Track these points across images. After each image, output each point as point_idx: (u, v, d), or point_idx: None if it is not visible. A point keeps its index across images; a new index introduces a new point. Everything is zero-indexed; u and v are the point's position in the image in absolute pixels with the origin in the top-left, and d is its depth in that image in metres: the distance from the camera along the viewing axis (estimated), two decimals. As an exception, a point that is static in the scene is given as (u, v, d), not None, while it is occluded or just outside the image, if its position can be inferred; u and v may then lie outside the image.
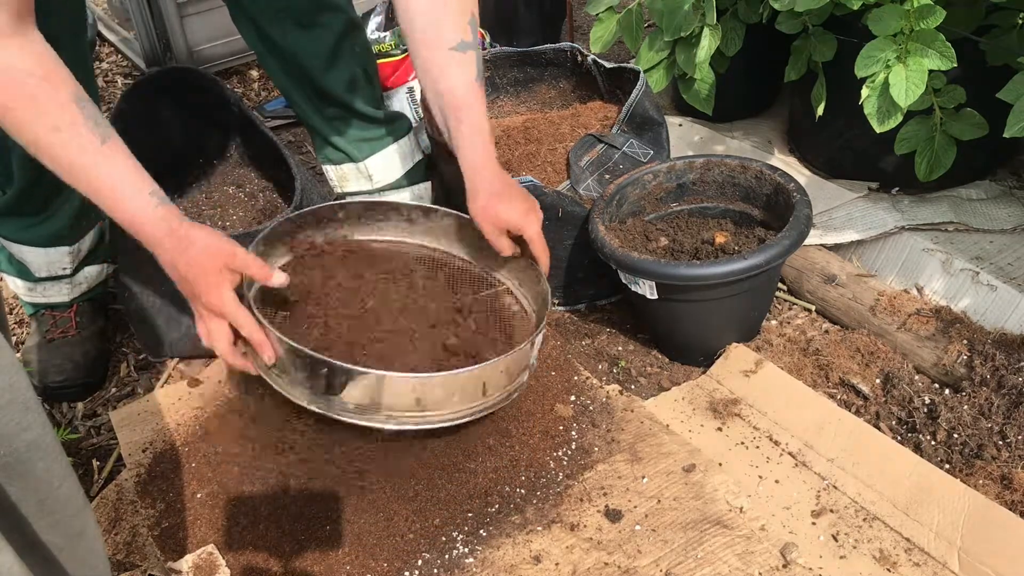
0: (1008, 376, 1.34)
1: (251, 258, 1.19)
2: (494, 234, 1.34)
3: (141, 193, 1.12)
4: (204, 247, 1.15)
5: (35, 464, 0.73)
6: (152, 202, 1.12)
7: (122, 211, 1.13)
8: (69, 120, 1.06)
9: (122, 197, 1.11)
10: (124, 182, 1.11)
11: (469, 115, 1.32)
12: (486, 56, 1.88)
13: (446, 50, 1.30)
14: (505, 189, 1.33)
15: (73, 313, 1.69)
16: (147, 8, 2.52)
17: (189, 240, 1.14)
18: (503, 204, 1.31)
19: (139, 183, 1.12)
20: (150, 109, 1.80)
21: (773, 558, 1.16)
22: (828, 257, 1.65)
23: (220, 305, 1.16)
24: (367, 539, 1.21)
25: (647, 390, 1.52)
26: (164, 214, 1.13)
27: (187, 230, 1.15)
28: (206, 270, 1.15)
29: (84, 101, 1.08)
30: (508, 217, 1.32)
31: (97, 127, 1.08)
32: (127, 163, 1.11)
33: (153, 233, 1.14)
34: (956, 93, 1.56)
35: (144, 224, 1.13)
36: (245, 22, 1.61)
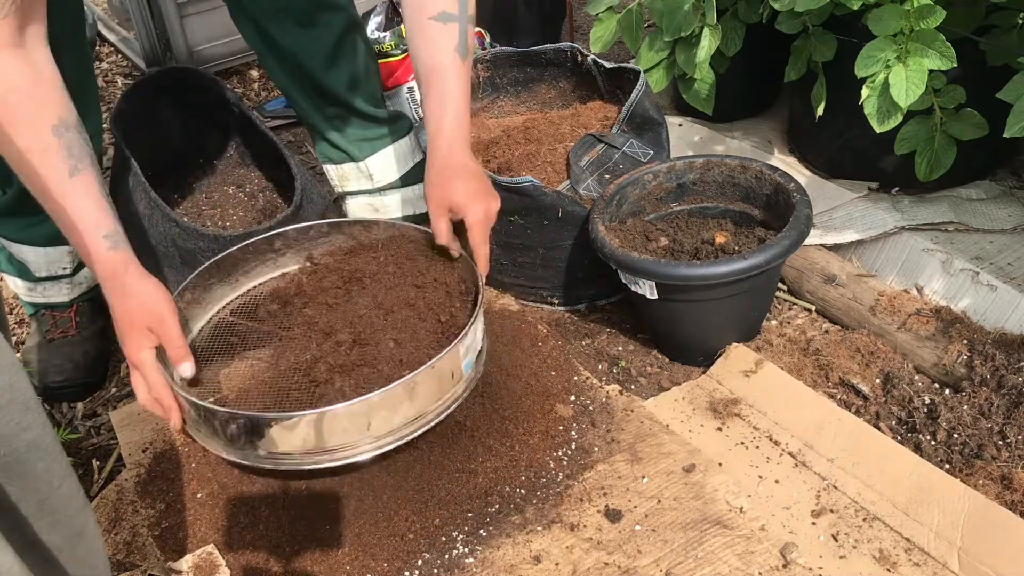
0: (1008, 376, 1.34)
1: (174, 334, 1.18)
2: (436, 213, 1.28)
3: (96, 234, 1.12)
4: (139, 303, 1.15)
5: (35, 464, 0.73)
6: (105, 245, 1.13)
7: (77, 245, 1.13)
8: (43, 146, 1.06)
9: (79, 232, 1.11)
10: (83, 219, 1.11)
11: (440, 83, 1.29)
12: (486, 56, 1.88)
13: (426, 19, 1.29)
14: (462, 168, 1.28)
15: (73, 313, 1.69)
16: (147, 8, 2.52)
17: (128, 291, 1.15)
18: (454, 181, 1.26)
19: (97, 223, 1.12)
20: (150, 109, 1.80)
21: (773, 558, 1.16)
22: (828, 257, 1.65)
23: (137, 362, 1.17)
24: (367, 539, 1.21)
25: (647, 390, 1.52)
26: (111, 259, 1.13)
27: (130, 279, 1.15)
28: (132, 325, 1.16)
29: (65, 128, 1.07)
30: (453, 196, 1.26)
31: (70, 158, 1.08)
32: (90, 200, 1.11)
33: (100, 274, 1.14)
34: (956, 93, 1.56)
35: (93, 264, 1.14)
36: (245, 21, 1.61)
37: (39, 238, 1.58)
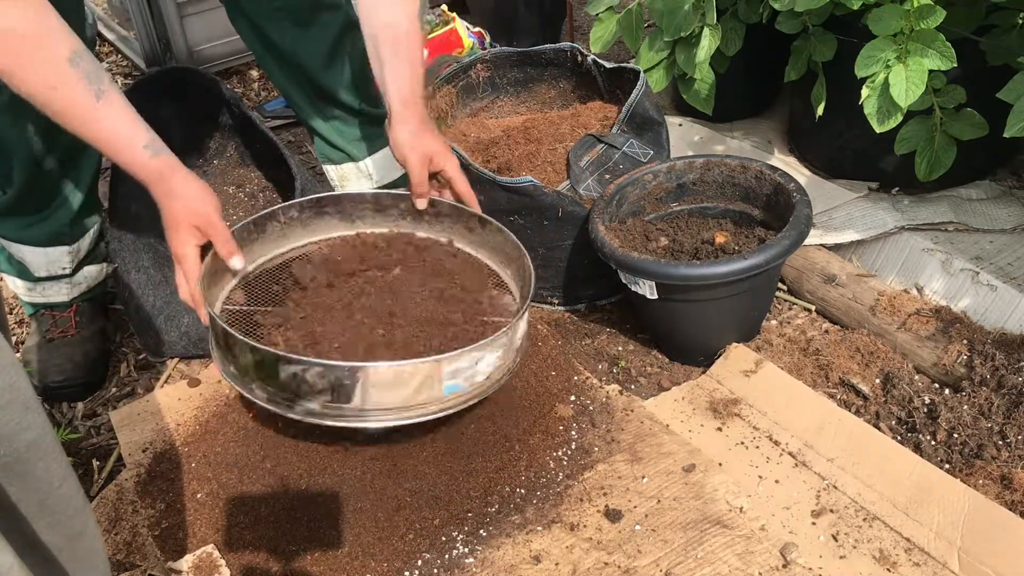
0: (1008, 376, 1.34)
1: (221, 228, 1.24)
2: (419, 163, 1.35)
3: (135, 145, 1.18)
4: (185, 204, 1.21)
5: (35, 464, 0.73)
6: (146, 154, 1.18)
7: (121, 161, 1.19)
8: (63, 79, 1.11)
9: (118, 149, 1.18)
10: (119, 135, 1.17)
11: (408, 49, 1.35)
12: (486, 56, 1.88)
13: None
14: (431, 127, 1.36)
15: (73, 313, 1.69)
16: (147, 8, 2.52)
17: (175, 193, 1.21)
18: (428, 137, 1.34)
19: (133, 136, 1.18)
20: (150, 109, 1.78)
21: (773, 558, 1.16)
22: (828, 257, 1.65)
23: (180, 256, 1.23)
24: (367, 539, 1.21)
25: (647, 390, 1.52)
26: (156, 165, 1.19)
27: (176, 183, 1.20)
28: (179, 222, 1.22)
29: (79, 58, 1.12)
30: (433, 148, 1.34)
31: (91, 83, 1.13)
32: (122, 116, 1.17)
33: (147, 181, 1.20)
34: (956, 93, 1.56)
35: (140, 172, 1.20)
36: (243, 22, 1.61)
37: (39, 238, 1.58)
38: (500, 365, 1.23)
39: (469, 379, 1.19)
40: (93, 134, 1.16)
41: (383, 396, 1.16)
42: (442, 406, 1.19)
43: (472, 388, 1.21)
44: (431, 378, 1.16)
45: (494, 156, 1.70)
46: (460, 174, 1.38)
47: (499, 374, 1.24)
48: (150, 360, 1.70)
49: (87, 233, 1.65)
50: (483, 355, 1.19)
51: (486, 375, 1.21)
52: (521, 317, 1.25)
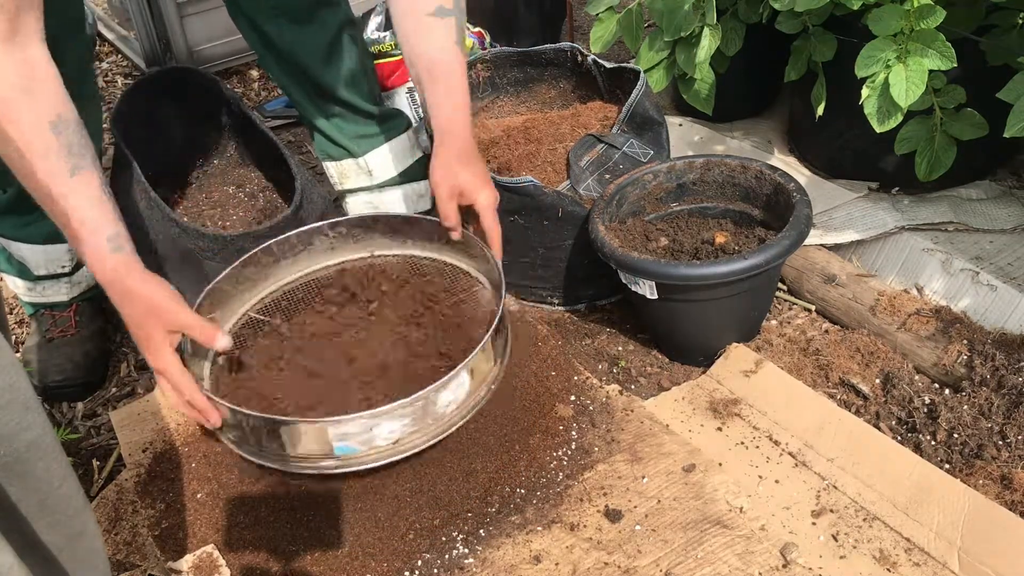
0: (1008, 376, 1.34)
1: (193, 320, 1.17)
2: (445, 197, 1.32)
3: (98, 236, 1.10)
4: (146, 308, 1.14)
5: (35, 464, 0.73)
6: (107, 248, 1.10)
7: (79, 248, 1.12)
8: (42, 145, 1.03)
9: (80, 236, 1.09)
10: (84, 221, 1.08)
11: (445, 77, 1.32)
12: (486, 56, 1.88)
13: (423, 15, 1.31)
14: (471, 158, 1.32)
15: (73, 313, 1.69)
16: (147, 8, 2.52)
17: (132, 295, 1.13)
18: (463, 169, 1.30)
19: (98, 226, 1.10)
20: (150, 109, 1.80)
21: (773, 558, 1.16)
22: (828, 257, 1.65)
23: (163, 368, 1.17)
24: (367, 539, 1.21)
25: (647, 390, 1.52)
26: (115, 262, 1.11)
27: (133, 282, 1.13)
28: (148, 331, 1.14)
29: (64, 125, 1.05)
30: (464, 180, 1.30)
31: (70, 156, 1.05)
32: (91, 201, 1.09)
33: (102, 279, 1.13)
34: (956, 93, 1.56)
35: (95, 268, 1.12)
36: (243, 20, 1.61)
37: (37, 236, 1.58)
38: (413, 432, 1.19)
39: (365, 443, 1.17)
40: (55, 209, 1.07)
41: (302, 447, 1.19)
42: (338, 463, 1.19)
43: (370, 450, 1.18)
44: (320, 438, 1.16)
45: (494, 156, 1.70)
46: (489, 210, 1.32)
47: (414, 440, 1.20)
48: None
49: (87, 232, 1.65)
50: (378, 422, 1.16)
51: (389, 440, 1.18)
52: (442, 388, 1.18)
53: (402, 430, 1.18)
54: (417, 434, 1.19)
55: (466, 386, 1.22)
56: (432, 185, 1.33)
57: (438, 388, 1.17)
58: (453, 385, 1.19)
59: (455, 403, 1.21)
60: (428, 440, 1.20)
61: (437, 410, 1.19)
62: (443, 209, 1.33)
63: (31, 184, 1.07)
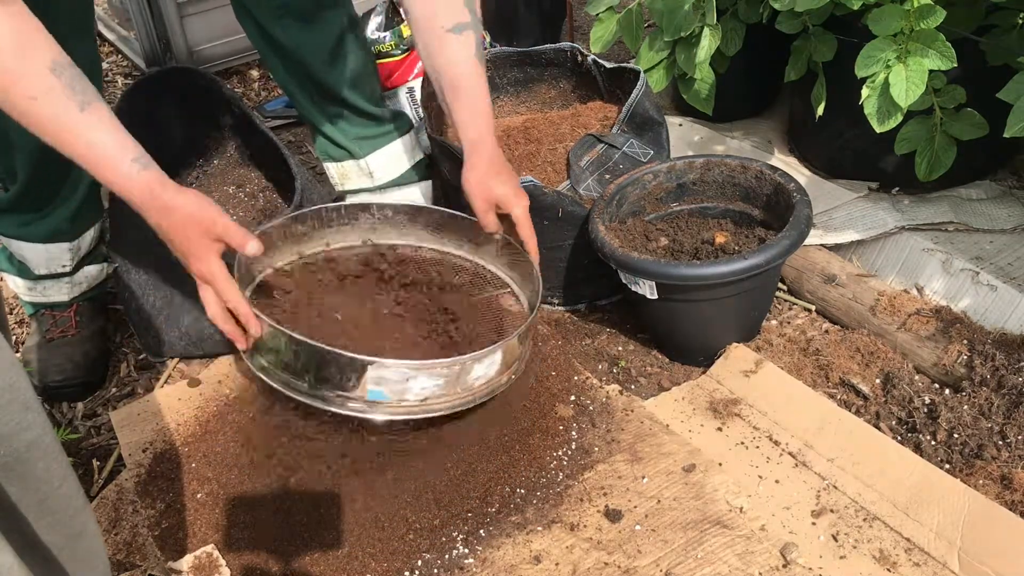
0: (1008, 376, 1.34)
1: (232, 225, 1.19)
2: (483, 208, 1.35)
3: (123, 160, 1.11)
4: (186, 215, 1.15)
5: (35, 464, 0.73)
6: (134, 168, 1.12)
7: (106, 178, 1.13)
8: (46, 88, 1.05)
9: (104, 165, 1.11)
10: (105, 149, 1.10)
11: (468, 91, 1.35)
12: (486, 56, 1.88)
13: (442, 31, 1.33)
14: (502, 167, 1.35)
15: (73, 313, 1.69)
16: (147, 8, 2.52)
17: (171, 207, 1.14)
18: (497, 180, 1.33)
19: (120, 149, 1.11)
20: (150, 109, 1.80)
21: (773, 558, 1.16)
22: (828, 257, 1.65)
23: (209, 274, 1.18)
24: (367, 539, 1.21)
25: (647, 390, 1.52)
26: (147, 179, 1.13)
27: (170, 196, 1.14)
28: (190, 238, 1.16)
29: (63, 67, 1.06)
30: (500, 193, 1.33)
31: (75, 93, 1.07)
32: (108, 129, 1.10)
33: (138, 199, 1.14)
34: (956, 93, 1.56)
35: (128, 191, 1.13)
36: (247, 19, 1.61)
37: (39, 234, 1.58)
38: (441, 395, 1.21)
39: (396, 393, 1.19)
40: (76, 148, 1.09)
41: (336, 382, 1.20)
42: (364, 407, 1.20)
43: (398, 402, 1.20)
44: (358, 376, 1.17)
45: (494, 156, 1.70)
46: (526, 219, 1.35)
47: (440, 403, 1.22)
48: (150, 360, 1.70)
49: (87, 231, 1.65)
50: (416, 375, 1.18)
51: (419, 397, 1.20)
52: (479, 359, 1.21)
53: (433, 389, 1.20)
54: (444, 398, 1.22)
55: (497, 364, 1.25)
56: (467, 196, 1.35)
57: (476, 358, 1.21)
58: (487, 360, 1.23)
59: (484, 379, 1.24)
60: (453, 406, 1.23)
61: (468, 379, 1.22)
62: (483, 220, 1.37)
63: (45, 129, 1.08)
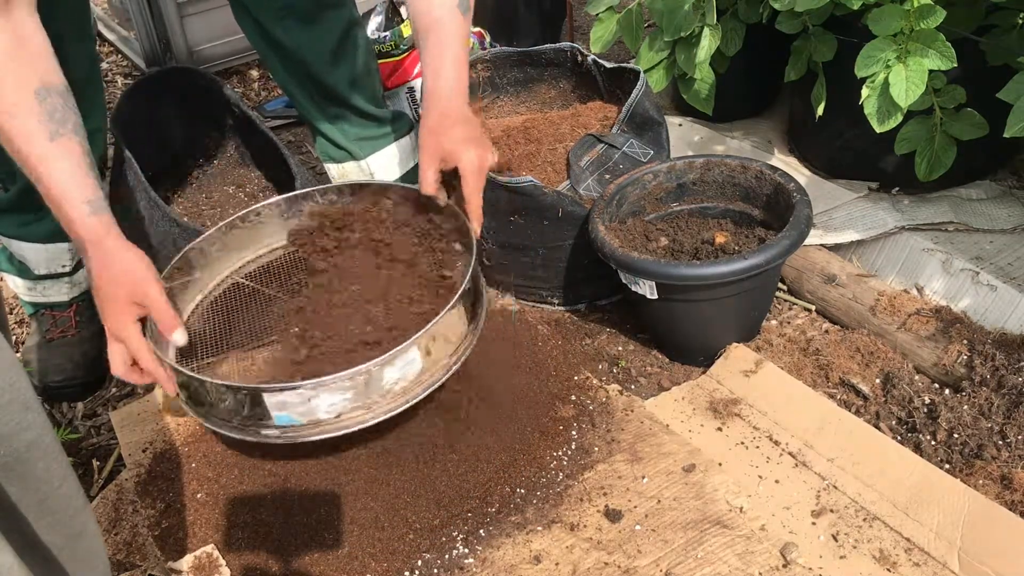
0: (1008, 376, 1.34)
1: (161, 303, 1.16)
2: (425, 164, 1.27)
3: (77, 199, 1.10)
4: (121, 271, 1.13)
5: (35, 464, 0.73)
6: (85, 211, 1.11)
7: (58, 212, 1.12)
8: (24, 109, 1.05)
9: (59, 199, 1.10)
10: (63, 184, 1.09)
11: (439, 33, 1.28)
12: (486, 56, 1.88)
13: None
14: (457, 119, 1.26)
15: (73, 313, 1.69)
16: (147, 8, 2.52)
17: (110, 259, 1.13)
18: (448, 129, 1.25)
19: (78, 188, 1.10)
20: (150, 109, 1.80)
21: (773, 558, 1.16)
22: (828, 257, 1.65)
23: (122, 335, 1.15)
24: (367, 539, 1.21)
25: (647, 390, 1.52)
26: (94, 225, 1.11)
27: (112, 248, 1.13)
28: (116, 297, 1.14)
29: (47, 93, 1.06)
30: (448, 147, 1.24)
31: (51, 122, 1.07)
32: (71, 165, 1.09)
33: (80, 241, 1.13)
34: (956, 93, 1.56)
35: (74, 230, 1.12)
36: (248, 20, 1.61)
37: (38, 234, 1.58)
38: (356, 407, 1.15)
39: (305, 414, 1.15)
40: (37, 175, 1.08)
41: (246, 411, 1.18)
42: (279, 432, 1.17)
43: (312, 424, 1.16)
44: (258, 405, 1.15)
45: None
46: (473, 173, 1.25)
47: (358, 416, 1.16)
48: (150, 360, 1.70)
49: (87, 232, 1.65)
50: (316, 394, 1.12)
51: (331, 414, 1.15)
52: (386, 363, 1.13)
53: (343, 404, 1.14)
54: (361, 410, 1.15)
55: (418, 363, 1.16)
56: (419, 150, 1.29)
57: (381, 363, 1.13)
58: (400, 362, 1.14)
59: (404, 380, 1.16)
60: (376, 416, 1.16)
61: (383, 386, 1.15)
62: (422, 175, 1.28)
63: (14, 148, 1.08)
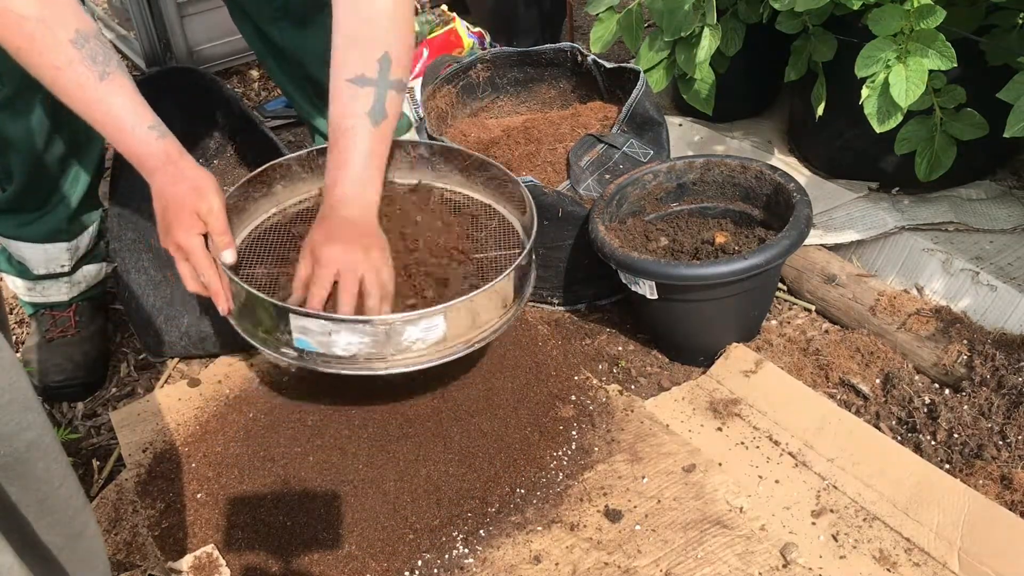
0: (1008, 376, 1.34)
1: (222, 221, 1.21)
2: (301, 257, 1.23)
3: (140, 126, 1.17)
4: (192, 188, 1.19)
5: (35, 464, 0.73)
6: (152, 135, 1.18)
7: (124, 143, 1.17)
8: (67, 59, 1.11)
9: (123, 130, 1.16)
10: (124, 116, 1.16)
11: (343, 145, 1.24)
12: (486, 56, 1.88)
13: (343, 80, 1.25)
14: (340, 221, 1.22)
15: (72, 312, 1.69)
16: (147, 8, 2.52)
17: (183, 175, 1.19)
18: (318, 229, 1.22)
19: (139, 117, 1.17)
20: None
21: (773, 558, 1.16)
22: (828, 257, 1.65)
23: (187, 247, 1.21)
24: (367, 539, 1.21)
25: (647, 390, 1.52)
26: (164, 146, 1.18)
27: (186, 165, 1.19)
28: (183, 209, 1.19)
29: (83, 39, 1.12)
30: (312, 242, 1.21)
31: (95, 64, 1.13)
32: (127, 97, 1.16)
33: (152, 164, 1.18)
34: (956, 93, 1.56)
35: (144, 156, 1.18)
36: (244, 22, 1.61)
37: (37, 234, 1.58)
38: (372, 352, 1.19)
39: (323, 345, 1.19)
40: (96, 115, 1.15)
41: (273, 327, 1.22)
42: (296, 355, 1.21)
43: (327, 355, 1.20)
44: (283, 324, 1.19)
45: (494, 156, 1.70)
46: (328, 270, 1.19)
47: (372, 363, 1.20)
48: (150, 360, 1.70)
49: (86, 231, 1.65)
50: (337, 329, 1.17)
51: (347, 352, 1.19)
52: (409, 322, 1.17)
53: (359, 346, 1.18)
54: (376, 357, 1.20)
55: (440, 329, 1.20)
56: None
57: (405, 321, 1.18)
58: (423, 324, 1.19)
59: (424, 342, 1.20)
60: (389, 367, 1.21)
61: (401, 341, 1.19)
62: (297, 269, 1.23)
63: (71, 97, 1.14)
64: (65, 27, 1.11)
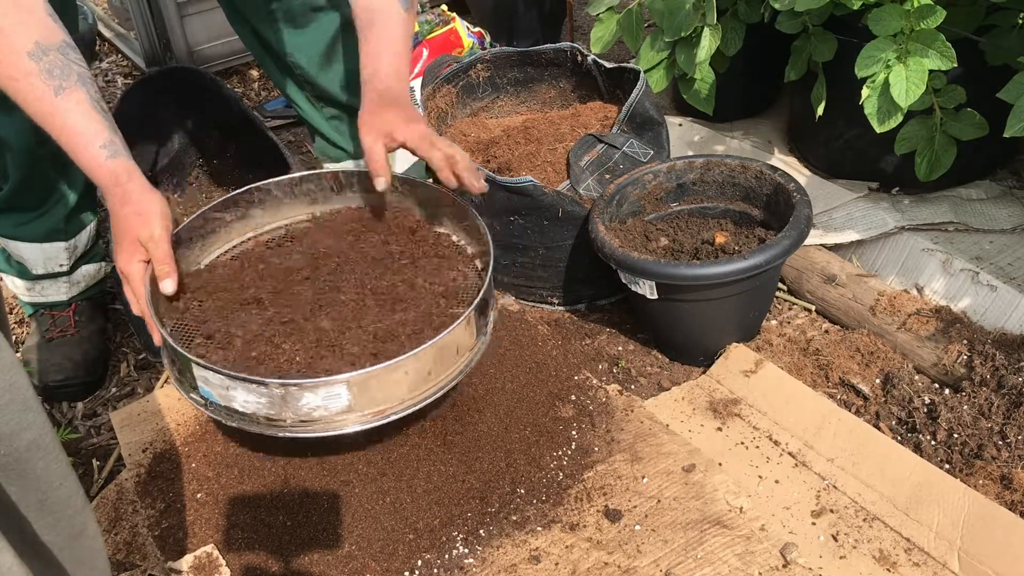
0: (1008, 376, 1.34)
1: (162, 249, 1.18)
2: (370, 145, 1.27)
3: (92, 145, 1.15)
4: (135, 212, 1.16)
5: (35, 464, 0.73)
6: (103, 154, 1.15)
7: (78, 160, 1.16)
8: (23, 71, 1.10)
9: (76, 147, 1.15)
10: (77, 133, 1.14)
11: (379, 25, 1.29)
12: (486, 56, 1.88)
13: None
14: (396, 100, 1.28)
15: (72, 312, 1.69)
16: (147, 8, 2.52)
17: (128, 199, 1.16)
18: (388, 111, 1.26)
19: (91, 135, 1.14)
20: (150, 109, 1.80)
21: (773, 558, 1.16)
22: (828, 257, 1.65)
23: (127, 273, 1.19)
24: (367, 539, 1.21)
25: (647, 390, 1.52)
26: (113, 167, 1.15)
27: (132, 188, 1.16)
28: (125, 235, 1.17)
29: (43, 51, 1.10)
30: (389, 125, 1.25)
31: (51, 78, 1.11)
32: (81, 114, 1.14)
33: (103, 183, 1.17)
34: (956, 93, 1.56)
35: (96, 175, 1.16)
36: (241, 23, 1.61)
37: (35, 234, 1.58)
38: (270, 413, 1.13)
39: (224, 399, 1.14)
40: (52, 129, 1.14)
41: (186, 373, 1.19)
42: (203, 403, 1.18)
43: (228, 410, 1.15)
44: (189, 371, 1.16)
45: (494, 156, 1.70)
46: (424, 141, 1.25)
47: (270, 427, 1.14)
48: (150, 360, 1.70)
49: (84, 229, 1.65)
50: (234, 385, 1.11)
51: (246, 409, 1.13)
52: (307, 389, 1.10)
53: (257, 406, 1.13)
54: (274, 420, 1.14)
55: (344, 399, 1.11)
56: (360, 136, 1.29)
57: (303, 387, 1.10)
58: (323, 392, 1.10)
59: (324, 411, 1.12)
60: (283, 432, 1.14)
61: (299, 407, 1.12)
62: (369, 152, 1.27)
63: (28, 108, 1.13)
64: (25, 37, 1.09)
